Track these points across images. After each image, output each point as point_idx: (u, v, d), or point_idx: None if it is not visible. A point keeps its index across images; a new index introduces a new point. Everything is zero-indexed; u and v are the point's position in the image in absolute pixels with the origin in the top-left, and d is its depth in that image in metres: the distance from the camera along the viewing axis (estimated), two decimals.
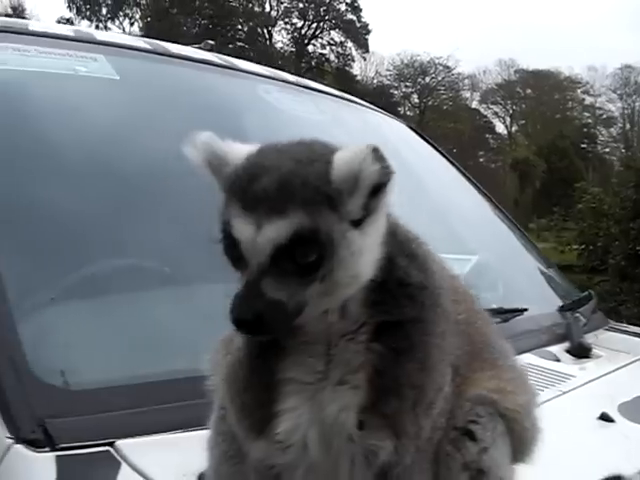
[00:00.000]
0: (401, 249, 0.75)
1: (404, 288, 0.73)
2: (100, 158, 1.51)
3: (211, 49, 2.19)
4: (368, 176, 0.67)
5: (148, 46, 1.86)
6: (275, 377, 0.73)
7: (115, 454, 1.00)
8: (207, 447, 0.86)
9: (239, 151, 0.73)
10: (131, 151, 1.56)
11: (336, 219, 0.67)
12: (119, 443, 1.01)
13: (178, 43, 2.08)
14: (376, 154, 0.67)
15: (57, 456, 0.97)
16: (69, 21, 33.47)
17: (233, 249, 0.68)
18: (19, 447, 0.98)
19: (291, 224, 0.66)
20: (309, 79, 2.53)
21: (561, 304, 2.13)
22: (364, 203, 0.68)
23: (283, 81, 2.18)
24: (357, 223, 0.69)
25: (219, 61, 2.01)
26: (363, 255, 0.69)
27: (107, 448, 1.00)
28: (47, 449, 0.98)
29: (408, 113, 39.76)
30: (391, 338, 0.72)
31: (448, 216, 2.37)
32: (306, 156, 0.69)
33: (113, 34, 2.65)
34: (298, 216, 0.66)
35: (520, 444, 0.84)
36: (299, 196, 0.66)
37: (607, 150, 42.35)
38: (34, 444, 0.98)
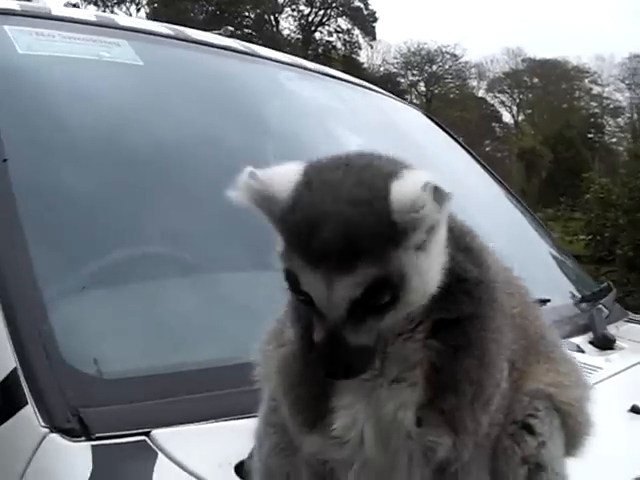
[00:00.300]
0: (457, 244, 0.73)
1: (461, 284, 0.72)
2: (127, 144, 1.50)
3: (231, 35, 2.17)
4: (430, 216, 0.64)
5: (170, 32, 1.84)
6: None
7: (151, 444, 0.99)
8: (256, 438, 0.85)
9: (285, 184, 0.67)
10: (155, 138, 1.54)
11: (403, 254, 0.64)
12: (155, 433, 1.01)
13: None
14: (437, 193, 0.63)
15: (93, 446, 0.97)
16: (75, 6, 33.33)
17: (302, 295, 0.67)
18: (54, 436, 0.98)
19: (363, 278, 0.63)
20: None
21: (579, 295, 2.12)
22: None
23: (303, 68, 2.16)
24: (422, 247, 0.67)
25: (241, 47, 1.99)
26: (430, 270, 0.68)
27: (143, 438, 1.00)
28: (83, 438, 0.98)
29: (415, 101, 39.57)
30: (448, 335, 0.72)
31: (464, 202, 2.35)
32: (363, 194, 0.64)
33: (135, 19, 2.63)
34: (369, 269, 0.63)
35: (572, 438, 0.83)
36: (366, 248, 0.63)
37: (614, 140, 42.12)
38: (69, 433, 0.98)
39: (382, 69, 39.45)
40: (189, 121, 1.65)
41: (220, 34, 2.20)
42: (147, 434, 1.01)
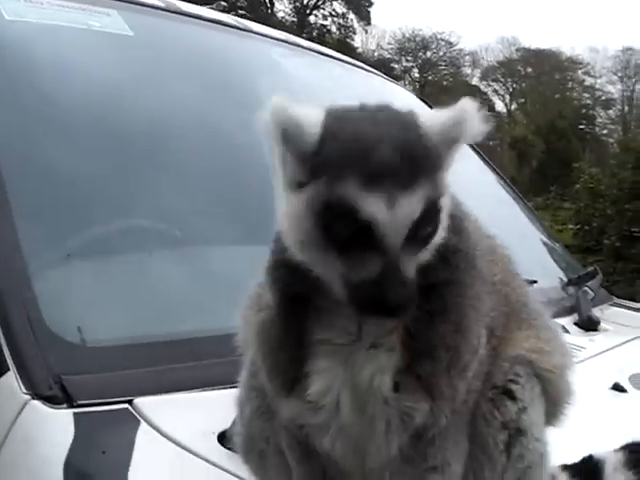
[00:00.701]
0: None
1: (438, 251, 0.71)
2: (115, 118, 1.48)
3: (224, 10, 2.14)
4: (458, 136, 0.67)
5: (161, 4, 1.81)
6: (308, 337, 0.72)
7: (134, 412, 1.00)
8: (237, 403, 0.85)
9: (316, 117, 0.65)
10: (145, 111, 1.52)
11: (442, 178, 0.66)
12: (137, 401, 1.01)
13: None
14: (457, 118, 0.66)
15: (75, 413, 0.97)
16: None
17: (351, 229, 0.62)
18: (36, 403, 0.97)
19: (421, 197, 0.62)
20: None
21: (566, 278, 2.14)
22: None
23: (297, 45, 2.14)
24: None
25: (234, 22, 1.97)
26: (446, 207, 0.68)
27: (125, 406, 1.00)
28: (65, 406, 0.98)
29: (408, 87, 39.43)
30: (425, 301, 0.71)
31: (456, 186, 2.36)
32: (401, 120, 0.67)
33: None
34: (425, 188, 0.62)
35: (553, 406, 0.84)
36: (422, 167, 0.63)
37: (605, 132, 42.25)
38: (51, 400, 0.98)
39: (376, 54, 39.20)
40: (179, 94, 1.63)
41: (213, 9, 2.16)
42: (130, 402, 1.01)
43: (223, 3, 2.19)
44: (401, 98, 2.51)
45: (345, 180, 0.61)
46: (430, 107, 2.67)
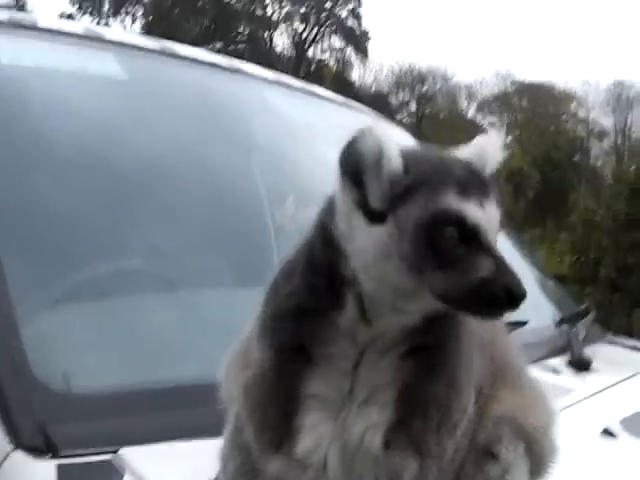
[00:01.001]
0: None
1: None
2: (107, 159, 1.49)
3: (219, 51, 2.18)
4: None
5: (157, 47, 1.85)
6: (300, 391, 0.72)
7: (118, 463, 0.98)
8: (220, 459, 0.84)
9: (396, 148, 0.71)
10: (138, 153, 1.54)
11: None
12: (123, 451, 0.99)
13: (179, 43, 2.07)
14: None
15: (58, 465, 0.95)
16: (70, 16, 33.29)
17: (458, 236, 0.67)
18: (19, 453, 0.96)
19: (496, 203, 0.71)
20: (308, 83, 2.53)
21: (559, 316, 2.13)
22: None
23: (289, 86, 2.17)
24: None
25: (227, 64, 2.00)
26: None
27: (110, 456, 0.98)
28: (48, 456, 0.96)
29: (405, 120, 39.84)
30: (421, 358, 0.72)
31: None
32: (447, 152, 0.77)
33: (123, 33, 2.63)
34: (494, 196, 0.72)
35: (537, 464, 0.83)
36: (487, 180, 0.73)
37: (599, 163, 42.65)
38: (35, 451, 0.96)
39: (373, 88, 39.76)
40: (172, 136, 1.65)
41: (208, 50, 2.20)
42: (115, 452, 0.99)
43: (217, 45, 2.23)
44: (395, 136, 2.55)
45: (446, 194, 0.67)
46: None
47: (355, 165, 0.67)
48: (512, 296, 0.66)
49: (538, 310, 2.29)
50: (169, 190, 1.56)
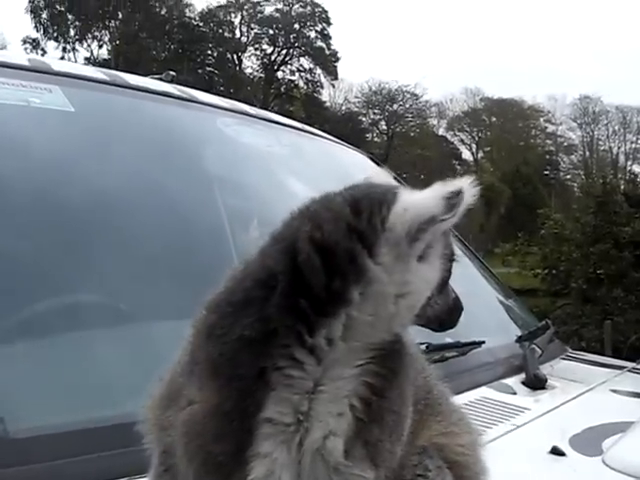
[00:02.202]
0: None
1: None
2: (54, 192, 1.48)
3: (172, 80, 2.18)
4: None
5: (106, 77, 1.84)
6: (255, 420, 0.70)
7: None
8: None
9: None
10: (88, 185, 1.53)
11: None
12: None
13: (147, 67, 2.07)
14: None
15: None
16: (35, 41, 33.14)
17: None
18: None
19: None
20: (278, 105, 2.53)
21: (519, 334, 2.16)
22: None
23: (243, 113, 2.18)
24: None
25: (178, 93, 2.01)
26: None
27: None
28: None
29: (376, 139, 40.28)
30: (380, 363, 0.73)
31: None
32: None
33: (71, 64, 2.62)
34: None
35: None
36: None
37: (568, 177, 43.60)
38: None
39: (344, 108, 40.19)
40: (121, 168, 1.64)
41: (161, 79, 2.21)
42: None
43: (172, 73, 2.23)
44: (352, 161, 2.57)
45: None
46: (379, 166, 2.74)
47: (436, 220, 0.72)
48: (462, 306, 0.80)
49: (498, 329, 2.32)
50: (121, 223, 1.54)
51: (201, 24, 34.78)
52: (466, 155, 44.48)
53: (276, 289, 0.70)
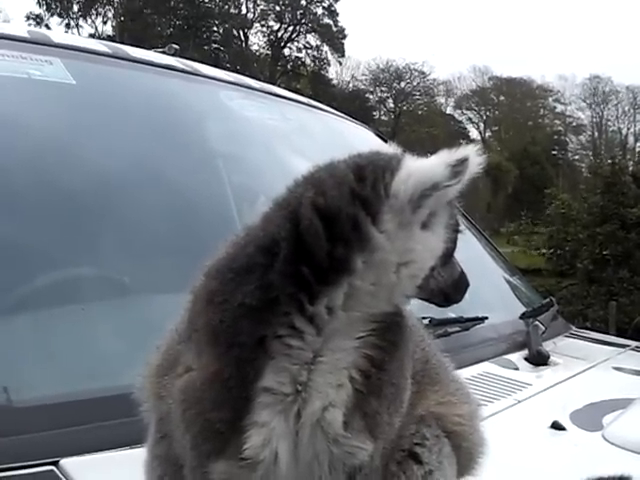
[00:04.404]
0: None
1: None
2: (55, 166, 1.47)
3: (174, 53, 2.16)
4: None
5: (108, 50, 1.82)
6: (253, 389, 0.69)
7: (59, 473, 0.97)
8: (145, 471, 0.83)
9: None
10: (90, 159, 1.52)
11: None
12: (63, 462, 0.98)
13: (151, 43, 2.04)
14: None
15: None
16: (38, 17, 32.84)
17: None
18: None
19: None
20: (284, 82, 2.50)
21: (523, 311, 2.15)
22: None
23: (247, 87, 2.16)
24: None
25: (181, 66, 1.98)
26: None
27: (51, 467, 0.97)
28: None
29: (383, 118, 39.99)
30: (381, 335, 0.72)
31: None
32: None
33: (72, 36, 2.59)
34: None
35: (467, 459, 0.84)
36: None
37: (577, 157, 43.24)
38: None
39: (351, 85, 39.83)
40: (123, 142, 1.63)
41: (164, 52, 2.18)
42: (56, 463, 0.98)
43: (175, 46, 2.20)
44: (358, 136, 2.54)
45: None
46: (386, 142, 2.71)
47: (437, 187, 0.70)
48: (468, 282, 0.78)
49: (503, 306, 2.31)
50: (122, 197, 1.54)
51: (206, 0, 34.39)
52: (474, 134, 44.15)
53: (278, 256, 0.69)
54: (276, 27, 36.41)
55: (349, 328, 0.71)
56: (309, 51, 36.64)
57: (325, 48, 36.45)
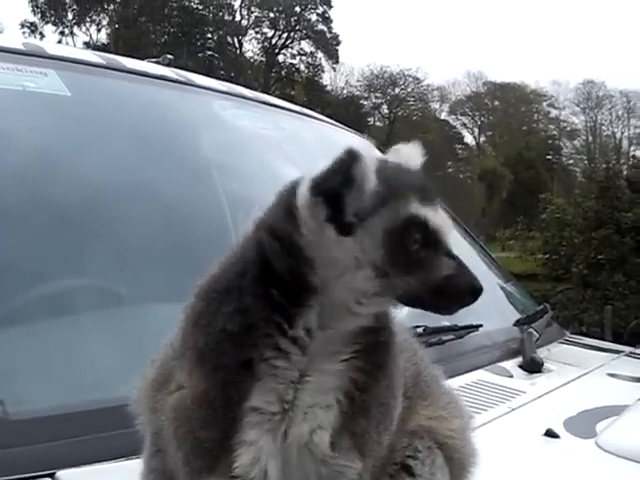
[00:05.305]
0: None
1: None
2: (52, 176, 1.48)
3: (169, 64, 2.17)
4: None
5: (102, 61, 1.83)
6: (239, 408, 0.71)
7: None
8: None
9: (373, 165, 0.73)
10: (81, 171, 1.52)
11: None
12: (60, 474, 0.98)
13: (146, 51, 2.05)
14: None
15: None
16: (33, 25, 32.88)
17: (423, 238, 0.71)
18: None
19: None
20: (279, 89, 2.51)
21: (518, 318, 2.16)
22: None
23: (241, 96, 2.17)
24: None
25: (175, 76, 1.99)
26: None
27: (48, 479, 0.98)
28: None
29: (378, 124, 40.10)
30: (365, 358, 0.73)
31: None
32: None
33: (66, 47, 2.60)
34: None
35: (459, 470, 0.85)
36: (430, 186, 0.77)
37: (571, 162, 43.40)
38: None
39: (345, 92, 39.95)
40: (118, 153, 1.63)
41: (159, 62, 2.19)
42: (52, 476, 0.99)
43: (169, 57, 2.22)
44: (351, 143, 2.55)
45: (411, 202, 0.72)
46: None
47: (338, 184, 0.69)
48: (474, 290, 0.72)
49: (497, 313, 2.32)
50: (117, 208, 1.54)
51: (200, 7, 34.46)
52: (468, 139, 44.34)
53: (248, 277, 0.72)
54: (270, 34, 36.55)
55: (331, 348, 0.73)
56: (303, 58, 36.78)
57: (319, 54, 36.61)
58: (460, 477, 0.85)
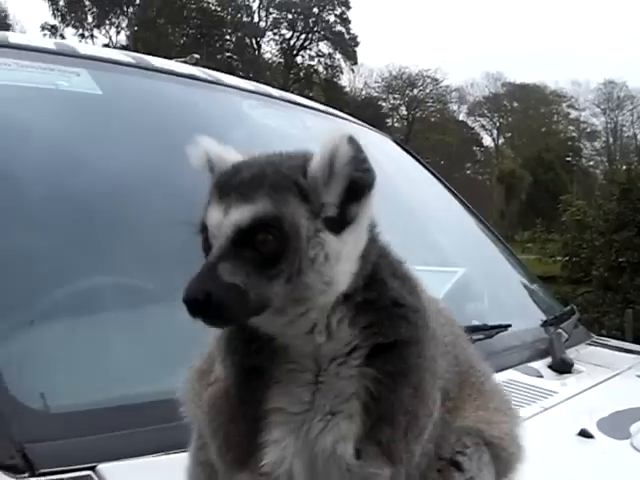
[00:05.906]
0: (392, 271, 0.75)
1: (399, 309, 0.73)
2: (82, 175, 1.49)
3: (196, 63, 2.19)
4: (341, 161, 0.68)
5: (132, 60, 1.85)
6: (262, 408, 0.73)
7: (97, 478, 0.98)
8: (186, 476, 0.85)
9: (234, 156, 0.76)
10: (113, 168, 1.54)
11: (305, 212, 0.68)
12: (100, 467, 1.00)
13: (165, 53, 2.08)
14: (352, 143, 0.68)
15: None
16: (54, 28, 33.35)
17: (204, 236, 0.69)
18: None
19: (254, 209, 0.67)
20: (297, 90, 2.53)
21: (544, 319, 2.15)
22: (341, 202, 0.69)
23: (268, 96, 2.18)
24: (335, 228, 0.69)
25: (204, 76, 2.01)
26: (339, 263, 0.69)
27: (88, 472, 0.99)
28: (26, 475, 0.96)
29: (396, 125, 40.03)
30: (386, 362, 0.72)
31: (431, 229, 2.38)
32: (290, 155, 0.73)
33: (97, 48, 2.64)
34: (263, 202, 0.67)
35: (506, 467, 0.85)
36: (267, 184, 0.68)
37: (591, 163, 42.93)
38: (13, 470, 0.96)
39: (364, 93, 39.95)
40: (148, 151, 1.65)
41: (186, 62, 2.21)
42: (93, 469, 1.00)
43: (196, 56, 2.24)
44: (376, 144, 2.55)
45: (210, 197, 0.72)
46: (408, 152, 2.72)
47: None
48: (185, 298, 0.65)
49: (523, 313, 2.30)
50: (145, 207, 1.56)
51: (219, 9, 34.69)
52: (487, 141, 44.05)
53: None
54: (288, 35, 36.67)
55: (342, 350, 0.72)
56: (321, 59, 36.84)
57: (337, 56, 36.64)
58: (506, 474, 0.85)
